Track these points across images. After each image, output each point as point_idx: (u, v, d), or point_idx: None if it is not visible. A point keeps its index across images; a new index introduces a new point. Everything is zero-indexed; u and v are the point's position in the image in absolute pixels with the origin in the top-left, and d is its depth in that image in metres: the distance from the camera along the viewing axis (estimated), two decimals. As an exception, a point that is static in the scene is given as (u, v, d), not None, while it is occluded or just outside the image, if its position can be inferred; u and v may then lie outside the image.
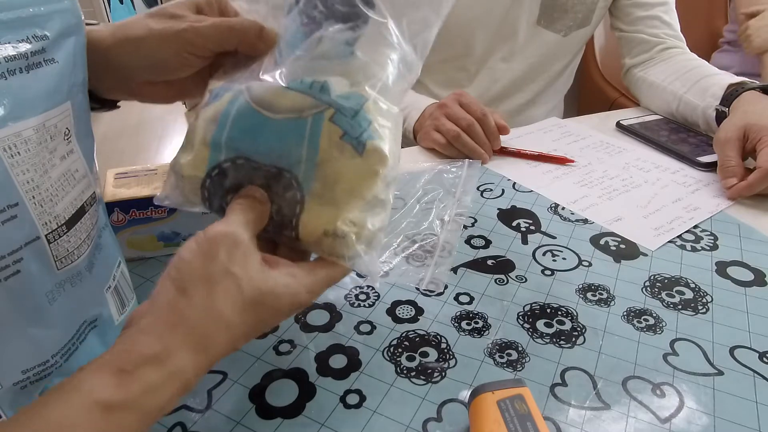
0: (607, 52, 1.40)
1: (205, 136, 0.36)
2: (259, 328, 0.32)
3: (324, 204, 0.35)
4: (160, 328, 0.29)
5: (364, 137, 0.34)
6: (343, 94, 0.35)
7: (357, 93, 0.35)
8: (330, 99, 0.34)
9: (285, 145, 0.34)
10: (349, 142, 0.34)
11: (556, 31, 0.93)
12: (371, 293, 0.49)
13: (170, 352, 0.28)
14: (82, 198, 0.34)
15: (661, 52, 0.91)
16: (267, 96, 0.35)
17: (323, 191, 0.35)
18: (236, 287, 0.30)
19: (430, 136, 0.75)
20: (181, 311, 0.29)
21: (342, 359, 0.42)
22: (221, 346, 0.30)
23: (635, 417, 0.37)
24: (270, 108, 0.34)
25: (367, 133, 0.34)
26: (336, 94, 0.34)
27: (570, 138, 0.81)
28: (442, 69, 0.97)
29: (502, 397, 0.33)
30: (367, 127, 0.34)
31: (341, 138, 0.34)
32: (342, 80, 0.35)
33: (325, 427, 0.37)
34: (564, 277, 0.51)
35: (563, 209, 0.62)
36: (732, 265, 0.53)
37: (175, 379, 0.28)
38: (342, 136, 0.34)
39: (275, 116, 0.34)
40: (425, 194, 0.64)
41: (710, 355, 0.42)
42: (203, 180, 0.36)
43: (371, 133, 0.34)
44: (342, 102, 0.34)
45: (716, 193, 0.65)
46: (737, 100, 0.72)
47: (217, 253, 0.30)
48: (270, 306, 0.31)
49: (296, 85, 0.34)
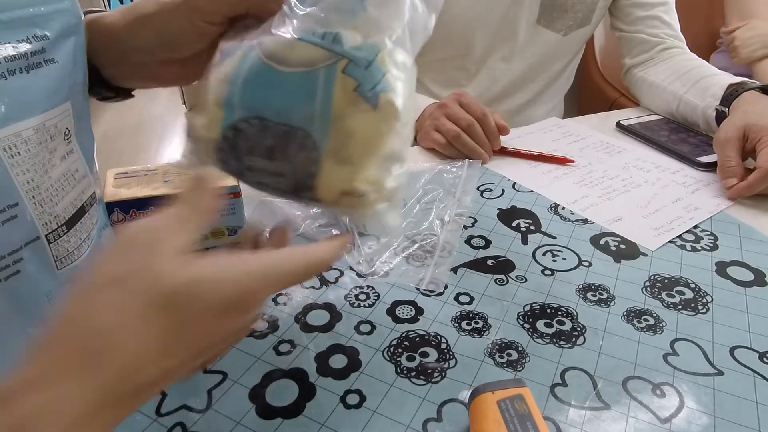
0: (607, 52, 1.40)
1: (218, 96, 0.35)
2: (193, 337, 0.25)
3: (340, 162, 0.33)
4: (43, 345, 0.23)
5: (378, 89, 0.33)
6: (356, 44, 0.33)
7: (371, 43, 0.34)
8: (343, 49, 0.33)
9: (299, 100, 0.33)
10: (363, 94, 0.33)
11: (556, 30, 0.93)
12: (371, 293, 0.49)
13: (50, 373, 0.23)
14: (82, 198, 0.34)
15: (661, 52, 0.91)
16: (278, 49, 0.33)
17: (339, 148, 0.33)
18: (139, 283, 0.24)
19: (430, 136, 0.75)
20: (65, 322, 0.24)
21: (342, 359, 0.42)
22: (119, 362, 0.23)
23: (635, 417, 0.37)
24: (282, 61, 0.33)
25: (381, 85, 0.33)
26: (349, 44, 0.33)
27: (570, 138, 0.81)
28: (442, 68, 0.97)
29: (502, 397, 0.33)
30: (380, 78, 0.33)
31: (354, 90, 0.33)
32: (354, 33, 0.34)
33: (325, 427, 0.37)
34: (564, 277, 0.51)
35: (563, 209, 0.62)
36: (732, 265, 0.53)
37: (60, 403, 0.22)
38: (356, 87, 0.33)
39: (287, 69, 0.33)
40: (425, 194, 0.64)
41: (710, 355, 0.42)
42: (218, 141, 0.35)
43: (385, 85, 0.33)
44: (355, 52, 0.33)
45: (716, 193, 0.65)
46: (737, 100, 0.72)
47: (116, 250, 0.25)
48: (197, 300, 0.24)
49: (308, 37, 0.33)
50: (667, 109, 0.86)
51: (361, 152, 0.33)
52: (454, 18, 0.90)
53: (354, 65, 0.33)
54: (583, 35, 0.97)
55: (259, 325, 0.45)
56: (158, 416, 0.37)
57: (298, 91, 0.33)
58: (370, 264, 0.52)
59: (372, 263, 0.52)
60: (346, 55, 0.33)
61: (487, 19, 0.90)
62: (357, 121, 0.33)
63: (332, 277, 0.51)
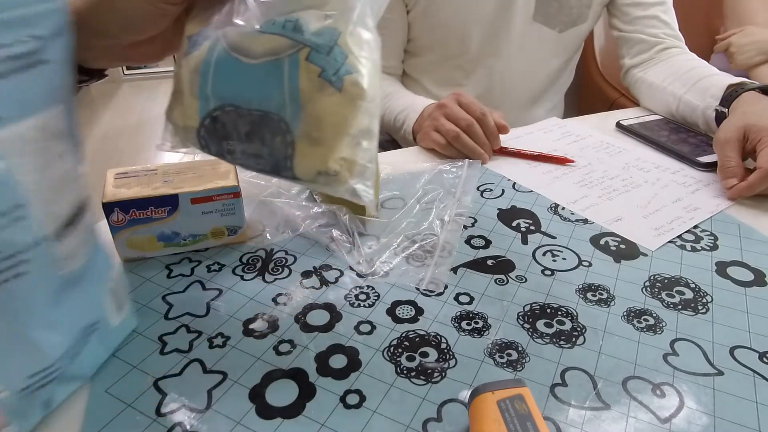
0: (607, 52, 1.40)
1: (191, 87, 0.36)
2: None
3: (313, 144, 0.35)
4: None
5: (342, 72, 0.34)
6: (316, 30, 0.34)
7: (330, 27, 0.34)
8: (303, 38, 0.34)
9: (268, 89, 0.35)
10: (327, 79, 0.34)
11: (551, 27, 0.93)
12: (371, 293, 0.49)
13: None
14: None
15: (660, 52, 0.91)
16: (242, 41, 0.34)
17: (311, 131, 0.35)
18: None
19: (430, 137, 0.75)
20: None
21: (342, 359, 0.42)
22: None
23: (635, 417, 0.37)
24: (248, 53, 0.34)
25: (344, 67, 0.34)
26: (310, 31, 0.34)
27: (570, 138, 0.81)
28: (439, 68, 0.97)
29: (502, 397, 0.33)
30: (343, 61, 0.34)
31: (319, 76, 0.34)
32: (315, 13, 0.34)
33: (325, 427, 0.37)
34: (564, 277, 0.51)
35: (563, 209, 0.62)
36: (732, 265, 0.53)
37: None
38: (320, 73, 0.34)
39: (253, 61, 0.34)
40: (425, 194, 0.64)
41: (710, 355, 0.42)
42: (198, 129, 0.37)
43: (348, 67, 0.34)
44: (316, 39, 0.34)
45: (716, 193, 0.65)
46: (737, 100, 0.72)
47: None
48: None
49: (269, 27, 0.34)
50: (666, 109, 0.86)
51: (332, 133, 0.35)
52: (449, 16, 0.90)
53: (316, 52, 0.34)
54: (580, 33, 0.97)
55: (259, 325, 0.45)
56: (158, 416, 0.37)
57: (266, 80, 0.34)
58: (370, 264, 0.52)
59: (372, 263, 0.52)
60: (308, 44, 0.34)
61: (482, 16, 0.90)
62: (325, 105, 0.34)
63: (332, 277, 0.51)
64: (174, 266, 0.52)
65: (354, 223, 0.55)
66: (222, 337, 0.44)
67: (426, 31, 0.93)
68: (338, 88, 0.34)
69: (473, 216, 0.61)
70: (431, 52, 0.96)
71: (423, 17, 0.91)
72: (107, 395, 0.39)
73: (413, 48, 0.97)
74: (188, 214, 0.51)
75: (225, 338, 0.44)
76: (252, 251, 0.54)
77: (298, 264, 0.53)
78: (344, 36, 0.34)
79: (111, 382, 0.40)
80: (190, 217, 0.51)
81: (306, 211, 0.57)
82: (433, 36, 0.94)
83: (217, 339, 0.44)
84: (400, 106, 0.85)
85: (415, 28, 0.94)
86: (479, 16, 0.90)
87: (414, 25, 0.93)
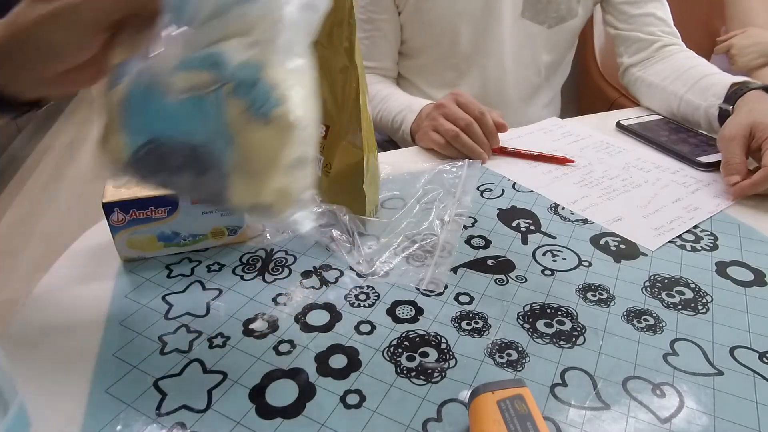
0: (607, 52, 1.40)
1: (119, 120, 0.35)
2: None
3: (246, 176, 0.34)
4: None
5: (269, 105, 0.33)
6: (239, 63, 0.33)
7: (254, 60, 0.33)
8: (225, 73, 0.33)
9: (195, 125, 0.34)
10: (254, 113, 0.33)
11: (540, 23, 0.93)
12: (371, 293, 0.49)
13: None
14: None
15: (659, 50, 0.91)
16: (164, 77, 0.33)
17: (243, 164, 0.34)
18: None
19: (429, 137, 0.75)
20: None
21: (342, 359, 0.42)
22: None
23: (635, 417, 0.37)
24: (170, 90, 0.33)
25: (271, 100, 0.33)
26: (232, 64, 0.33)
27: (570, 138, 0.81)
28: (433, 69, 0.98)
29: (502, 397, 0.33)
30: (269, 94, 0.33)
31: (245, 111, 0.33)
32: (240, 41, 0.33)
33: (325, 427, 0.37)
34: (564, 277, 0.51)
35: (563, 209, 0.62)
36: (732, 265, 0.53)
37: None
38: (245, 108, 0.33)
39: (176, 97, 0.33)
40: (425, 194, 0.64)
41: (710, 355, 0.42)
42: (129, 163, 0.36)
43: (276, 100, 0.33)
44: (238, 74, 0.33)
45: (716, 193, 0.65)
46: (742, 98, 0.72)
47: None
48: None
49: (190, 63, 0.33)
50: (667, 109, 0.86)
51: (263, 166, 0.34)
52: (439, 16, 0.91)
53: (239, 87, 0.33)
54: (571, 28, 0.97)
55: (259, 325, 0.45)
56: (158, 416, 0.37)
57: (192, 116, 0.34)
58: (370, 264, 0.52)
59: (372, 263, 0.52)
60: (230, 80, 0.33)
61: (470, 14, 0.90)
62: (254, 139, 0.33)
63: (332, 277, 0.51)
64: (174, 266, 0.52)
65: (354, 223, 0.55)
66: (222, 337, 0.44)
67: (418, 32, 0.94)
68: (266, 122, 0.33)
69: (473, 216, 0.61)
70: (424, 53, 0.96)
71: (414, 17, 0.92)
72: (107, 395, 0.39)
73: (407, 50, 0.98)
74: (188, 214, 0.51)
75: (225, 338, 0.44)
76: (252, 251, 0.54)
77: (298, 264, 0.53)
78: (269, 67, 0.33)
79: (111, 382, 0.40)
80: (190, 217, 0.51)
81: (306, 211, 0.57)
82: (425, 36, 0.94)
83: (217, 339, 0.44)
84: (397, 108, 0.86)
85: (408, 28, 0.94)
86: (468, 14, 0.90)
87: (406, 25, 0.94)
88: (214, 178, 0.35)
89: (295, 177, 0.35)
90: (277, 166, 0.34)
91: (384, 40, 0.95)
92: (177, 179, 0.36)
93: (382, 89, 0.92)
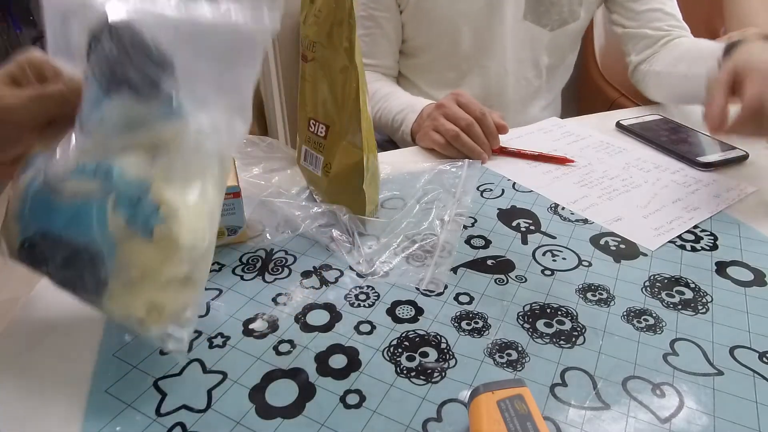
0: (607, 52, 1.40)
1: (14, 209, 0.37)
2: None
3: (125, 286, 0.35)
4: None
5: (152, 223, 0.34)
6: (129, 178, 0.34)
7: (142, 177, 0.34)
8: (111, 186, 0.34)
9: (80, 228, 0.35)
10: (134, 228, 0.34)
11: (542, 25, 0.93)
12: (371, 293, 0.49)
13: None
14: None
15: (666, 44, 0.90)
16: (57, 179, 0.35)
17: (122, 273, 0.35)
18: None
19: (429, 137, 0.75)
20: None
21: (342, 359, 0.42)
22: None
23: (635, 417, 0.37)
24: (60, 192, 0.35)
25: (155, 218, 0.34)
26: (122, 178, 0.34)
27: (570, 138, 0.81)
28: (434, 69, 0.98)
29: (502, 397, 0.33)
30: (153, 212, 0.34)
31: (126, 224, 0.34)
32: (138, 157, 0.35)
33: (325, 427, 0.37)
34: (564, 277, 0.51)
35: (563, 209, 0.62)
36: (732, 265, 0.53)
37: None
38: (126, 222, 0.34)
39: (64, 201, 0.35)
40: (425, 194, 0.64)
41: (710, 355, 0.42)
42: (18, 250, 0.38)
43: (160, 218, 0.34)
44: (124, 189, 0.34)
45: (716, 193, 0.65)
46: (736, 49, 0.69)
47: None
48: None
49: (82, 170, 0.35)
50: (676, 92, 0.84)
51: (142, 279, 0.35)
52: (440, 15, 0.90)
53: (123, 201, 0.34)
54: (573, 31, 0.96)
55: (259, 325, 0.45)
56: (158, 416, 0.37)
57: (78, 220, 0.35)
58: (370, 264, 0.52)
59: (372, 263, 0.52)
60: (114, 193, 0.34)
61: (472, 15, 0.90)
62: (133, 251, 0.34)
63: (332, 277, 0.51)
64: (174, 266, 0.52)
65: (354, 223, 0.55)
66: (222, 337, 0.44)
67: (419, 31, 0.94)
68: (148, 237, 0.34)
69: (473, 216, 0.61)
70: (425, 52, 0.96)
71: (415, 16, 0.92)
72: (107, 395, 0.39)
73: (408, 49, 0.97)
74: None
75: (225, 338, 0.44)
76: (252, 251, 0.54)
77: (298, 264, 0.53)
78: (160, 186, 0.34)
79: (111, 382, 0.40)
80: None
81: (306, 211, 0.57)
82: (426, 35, 0.94)
83: (217, 339, 0.44)
84: (397, 107, 0.85)
85: (409, 27, 0.94)
86: (469, 14, 0.90)
87: (407, 24, 0.94)
88: (92, 280, 0.36)
89: (174, 295, 0.36)
90: (154, 281, 0.35)
91: (384, 38, 0.95)
92: (59, 275, 0.37)
93: (382, 87, 0.92)
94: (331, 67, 0.53)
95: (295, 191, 0.63)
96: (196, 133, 0.35)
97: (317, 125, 0.57)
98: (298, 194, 0.62)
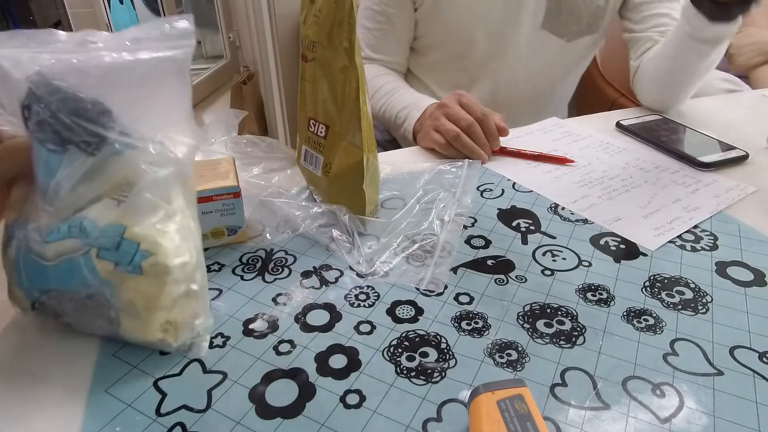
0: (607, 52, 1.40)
1: (13, 278, 0.40)
2: None
3: (135, 318, 0.38)
4: None
5: (137, 260, 0.36)
6: (102, 228, 0.36)
7: (115, 224, 0.36)
8: (89, 240, 0.36)
9: (75, 281, 0.37)
10: (123, 269, 0.36)
11: (560, 36, 0.92)
12: (371, 293, 0.49)
13: None
14: None
15: None
16: (38, 248, 0.37)
17: (129, 308, 0.38)
18: None
19: (430, 137, 0.75)
20: None
21: (342, 359, 0.42)
22: None
23: (635, 417, 0.37)
24: (45, 257, 0.37)
25: (139, 255, 0.36)
26: (96, 229, 0.36)
27: (570, 138, 0.81)
28: (444, 69, 0.97)
29: (502, 397, 0.33)
30: (135, 250, 0.36)
31: (115, 268, 0.36)
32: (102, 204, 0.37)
33: (325, 427, 0.37)
34: (564, 277, 0.51)
35: (563, 209, 0.62)
36: (732, 265, 0.53)
37: None
38: (115, 266, 0.36)
39: (52, 263, 0.37)
40: (425, 194, 0.64)
41: (710, 355, 0.42)
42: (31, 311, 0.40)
43: (144, 253, 0.36)
44: (102, 239, 0.36)
45: (716, 193, 0.65)
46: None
47: None
48: None
49: (56, 236, 0.36)
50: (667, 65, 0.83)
51: (146, 309, 0.38)
52: (456, 17, 0.90)
53: (103, 251, 0.36)
54: (589, 43, 0.96)
55: (259, 325, 0.45)
56: (158, 416, 0.37)
57: (70, 275, 0.37)
58: (370, 264, 0.52)
59: (372, 263, 0.52)
60: (94, 245, 0.36)
61: (489, 20, 0.89)
62: (130, 289, 0.37)
63: (332, 277, 0.51)
64: (174, 266, 0.52)
65: (354, 223, 0.55)
66: (222, 337, 0.44)
67: (433, 30, 0.93)
68: (138, 273, 0.36)
69: (473, 216, 0.61)
70: (437, 51, 0.95)
71: (430, 15, 0.91)
72: (107, 395, 0.39)
73: (419, 46, 0.96)
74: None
75: (225, 338, 0.44)
76: (252, 251, 0.54)
77: (298, 264, 0.53)
78: (131, 227, 0.36)
79: (111, 382, 0.40)
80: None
81: (306, 211, 0.57)
82: (440, 35, 0.93)
83: (217, 339, 0.44)
84: (402, 104, 0.85)
85: (422, 25, 0.93)
86: (486, 19, 0.89)
87: (421, 22, 0.93)
88: (105, 319, 0.39)
89: (182, 310, 0.39)
90: (159, 307, 0.38)
91: (394, 35, 0.94)
92: (77, 321, 0.41)
93: (389, 82, 0.91)
94: (331, 67, 0.53)
95: (295, 191, 0.63)
96: (148, 164, 0.37)
97: (317, 125, 0.57)
98: (298, 194, 0.62)
